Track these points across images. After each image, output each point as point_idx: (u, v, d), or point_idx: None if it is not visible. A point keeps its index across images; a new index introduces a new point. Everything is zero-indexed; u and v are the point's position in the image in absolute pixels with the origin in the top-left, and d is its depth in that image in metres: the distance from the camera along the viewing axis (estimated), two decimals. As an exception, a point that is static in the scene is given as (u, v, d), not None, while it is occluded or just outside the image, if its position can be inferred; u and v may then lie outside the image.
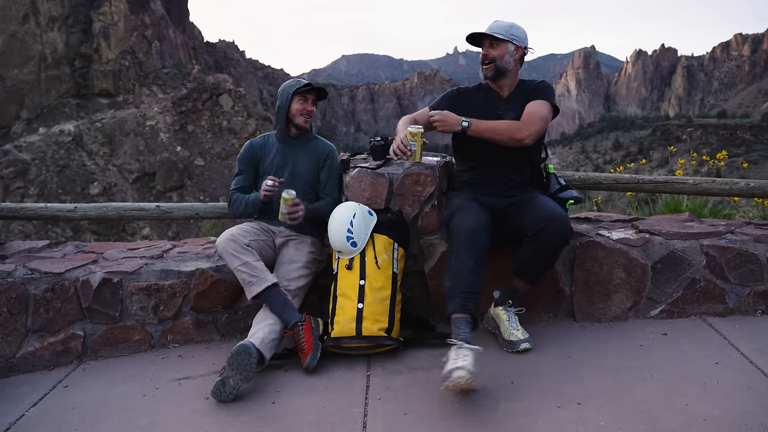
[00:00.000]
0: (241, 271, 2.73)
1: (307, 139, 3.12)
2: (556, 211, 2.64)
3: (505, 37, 2.77)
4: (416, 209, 3.03)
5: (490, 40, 2.78)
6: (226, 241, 2.78)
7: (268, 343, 2.59)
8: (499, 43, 2.77)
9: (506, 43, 2.77)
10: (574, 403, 2.24)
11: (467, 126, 2.69)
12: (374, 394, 2.41)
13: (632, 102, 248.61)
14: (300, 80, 3.10)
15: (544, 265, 2.77)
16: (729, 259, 3.00)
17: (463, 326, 2.41)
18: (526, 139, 2.68)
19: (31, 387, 2.73)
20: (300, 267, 2.88)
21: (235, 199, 3.06)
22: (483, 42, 2.81)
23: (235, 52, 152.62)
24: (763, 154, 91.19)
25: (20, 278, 2.94)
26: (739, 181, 3.50)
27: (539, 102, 2.77)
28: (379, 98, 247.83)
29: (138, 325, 3.01)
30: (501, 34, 2.76)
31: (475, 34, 2.82)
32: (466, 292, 2.46)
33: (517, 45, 2.80)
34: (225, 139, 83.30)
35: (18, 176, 72.22)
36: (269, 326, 2.65)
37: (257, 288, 2.71)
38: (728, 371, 2.43)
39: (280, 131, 3.09)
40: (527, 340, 2.71)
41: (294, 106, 3.02)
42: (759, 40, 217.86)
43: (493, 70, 2.80)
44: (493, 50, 2.78)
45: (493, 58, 2.78)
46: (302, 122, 3.04)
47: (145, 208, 3.57)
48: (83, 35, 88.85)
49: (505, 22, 2.82)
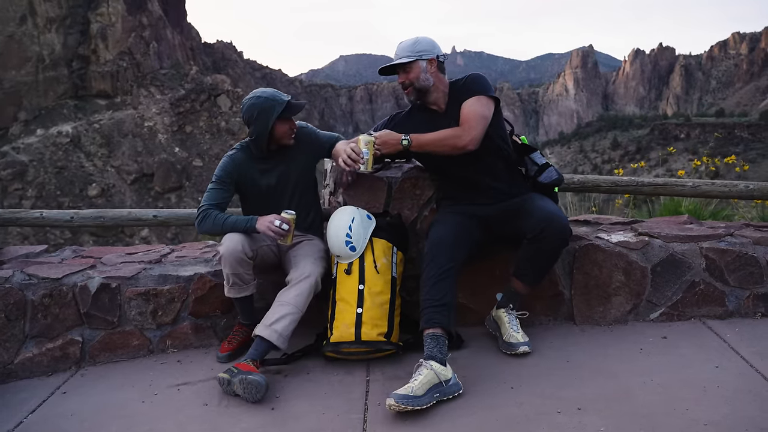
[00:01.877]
0: (228, 278, 2.76)
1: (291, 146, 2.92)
2: (554, 212, 2.63)
3: (412, 57, 2.67)
4: (415, 212, 3.03)
5: (401, 66, 2.70)
6: (231, 254, 2.66)
7: (285, 336, 2.61)
8: (410, 65, 2.68)
9: (416, 62, 2.68)
10: (575, 408, 2.23)
11: (408, 144, 2.64)
12: (374, 400, 2.41)
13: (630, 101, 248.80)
14: (276, 100, 2.77)
15: (545, 268, 2.76)
16: (728, 261, 3.00)
17: (429, 342, 2.43)
18: (468, 145, 2.57)
19: (30, 393, 2.71)
20: (317, 259, 2.82)
21: (214, 217, 2.74)
22: (396, 71, 2.73)
23: (233, 52, 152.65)
24: (761, 153, 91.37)
25: (18, 284, 2.93)
26: (738, 183, 3.50)
27: (472, 100, 2.64)
28: (377, 98, 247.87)
29: (136, 331, 2.99)
30: (407, 56, 2.67)
31: (385, 67, 2.76)
32: (433, 306, 2.48)
33: (428, 59, 2.69)
34: (223, 139, 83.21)
35: (16, 178, 72.11)
36: (291, 317, 2.61)
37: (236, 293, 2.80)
38: (728, 375, 2.42)
39: (259, 152, 2.86)
40: (526, 343, 2.71)
41: (278, 130, 2.80)
42: (757, 39, 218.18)
43: (415, 93, 2.73)
44: (407, 75, 2.69)
45: (411, 82, 2.70)
46: (289, 142, 2.86)
47: (142, 216, 3.55)
48: (81, 36, 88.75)
49: (408, 41, 2.72)
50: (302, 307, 2.65)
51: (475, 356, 2.72)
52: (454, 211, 2.79)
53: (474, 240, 2.70)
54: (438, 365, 2.35)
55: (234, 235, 2.69)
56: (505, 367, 2.60)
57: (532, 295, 2.96)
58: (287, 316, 2.61)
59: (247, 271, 2.76)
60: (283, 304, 2.64)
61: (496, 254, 2.97)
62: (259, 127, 2.77)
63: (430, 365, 2.35)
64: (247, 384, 2.43)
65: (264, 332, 2.58)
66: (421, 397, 2.25)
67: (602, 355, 2.67)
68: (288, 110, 2.79)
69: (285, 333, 2.59)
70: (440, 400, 2.31)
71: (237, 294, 2.79)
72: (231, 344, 2.89)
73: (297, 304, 2.64)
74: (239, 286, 2.78)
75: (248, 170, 2.88)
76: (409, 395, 2.24)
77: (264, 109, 2.75)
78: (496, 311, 2.85)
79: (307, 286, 2.68)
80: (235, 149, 2.95)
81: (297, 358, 2.78)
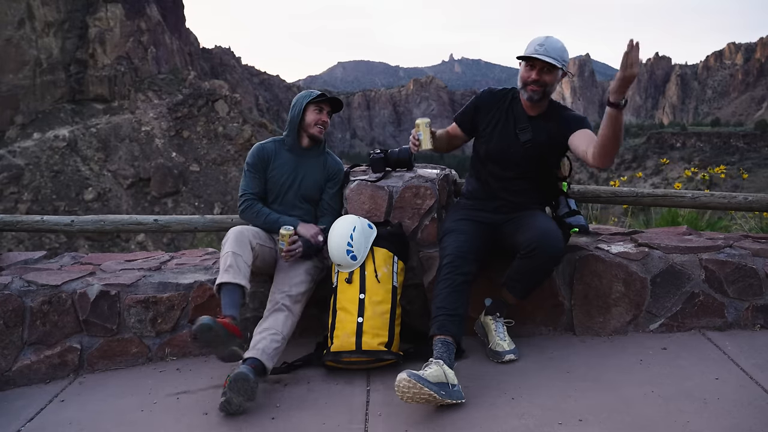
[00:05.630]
0: (227, 257, 2.66)
1: (319, 152, 3.09)
2: (548, 230, 2.63)
3: (560, 63, 2.63)
4: (416, 222, 3.03)
5: (547, 65, 2.64)
6: (237, 231, 2.77)
7: (270, 353, 2.57)
8: (553, 69, 2.66)
9: (558, 69, 2.66)
10: (576, 420, 2.23)
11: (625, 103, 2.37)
12: (374, 410, 2.40)
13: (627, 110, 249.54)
14: (313, 91, 3.06)
15: (533, 284, 2.76)
16: (728, 273, 3.01)
17: (440, 347, 2.44)
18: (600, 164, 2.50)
19: (27, 401, 2.70)
20: (302, 273, 2.85)
21: (257, 209, 2.95)
22: (535, 63, 2.66)
23: (231, 58, 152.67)
24: (756, 163, 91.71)
25: (17, 290, 2.92)
26: (737, 195, 3.51)
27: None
28: (375, 105, 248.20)
29: (135, 338, 2.98)
30: (557, 60, 2.62)
31: (527, 56, 2.66)
32: (447, 314, 2.50)
33: (565, 71, 2.72)
34: (220, 145, 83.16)
35: (12, 181, 71.85)
36: (270, 336, 2.62)
37: (225, 277, 2.60)
38: (728, 387, 2.42)
39: (292, 141, 3.05)
40: (512, 351, 2.72)
41: (308, 117, 3.00)
42: (752, 49, 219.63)
43: (541, 94, 2.70)
44: (547, 76, 2.66)
45: (545, 83, 2.68)
46: (317, 132, 3.01)
47: (142, 221, 3.54)
48: (79, 40, 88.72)
49: (560, 43, 2.65)
50: (281, 329, 2.65)
51: (477, 366, 2.72)
52: (469, 217, 2.82)
53: (487, 250, 2.76)
54: (447, 367, 2.35)
55: (245, 225, 2.89)
56: (506, 377, 2.60)
57: (531, 305, 2.97)
58: (267, 337, 2.60)
59: (246, 260, 2.70)
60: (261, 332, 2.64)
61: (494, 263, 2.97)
62: (293, 112, 3.03)
63: (440, 363, 2.35)
64: (234, 381, 2.39)
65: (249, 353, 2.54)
66: (431, 384, 2.24)
67: (602, 366, 2.68)
68: (320, 98, 3.00)
69: (268, 350, 2.56)
70: (442, 404, 2.29)
71: (231, 278, 2.60)
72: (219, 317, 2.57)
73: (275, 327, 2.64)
74: (234, 271, 2.62)
75: (275, 156, 3.05)
76: (420, 376, 2.23)
77: (300, 97, 3.06)
78: (484, 317, 2.88)
79: (282, 317, 2.68)
80: (267, 140, 3.13)
81: (297, 367, 2.77)
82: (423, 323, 3.05)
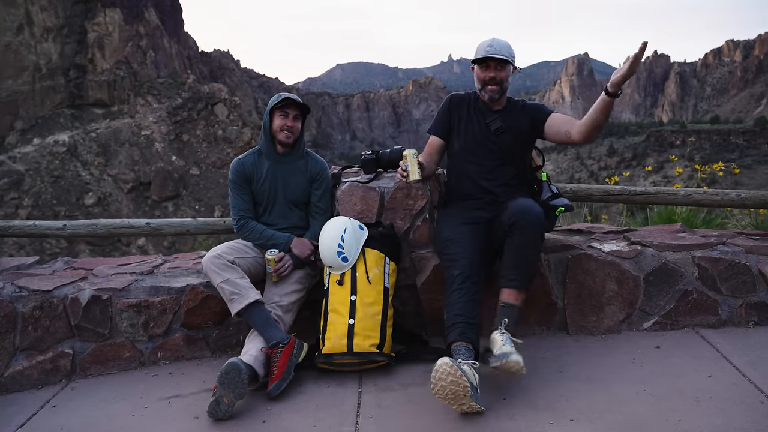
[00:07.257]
0: (224, 288, 2.71)
1: (297, 157, 3.05)
2: (527, 204, 2.65)
3: (510, 58, 2.82)
4: (408, 223, 3.02)
5: (500, 62, 2.82)
6: (210, 259, 2.76)
7: (262, 360, 2.57)
8: (505, 65, 2.83)
9: (509, 64, 2.84)
10: (567, 420, 2.22)
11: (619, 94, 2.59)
12: (365, 412, 2.39)
13: (626, 108, 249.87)
14: (281, 94, 2.98)
15: (527, 264, 2.62)
16: (721, 270, 3.00)
17: (463, 352, 2.41)
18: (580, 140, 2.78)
19: (19, 407, 2.69)
20: (292, 282, 2.87)
21: (251, 227, 2.96)
22: (489, 63, 2.84)
23: (230, 61, 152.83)
24: (756, 159, 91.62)
25: (8, 296, 2.91)
26: (730, 192, 3.51)
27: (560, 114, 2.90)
28: (374, 106, 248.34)
29: (128, 343, 2.98)
30: (507, 56, 2.81)
31: (481, 58, 2.84)
32: (466, 322, 2.49)
33: (514, 66, 2.88)
34: (220, 148, 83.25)
35: (12, 187, 71.93)
36: (262, 343, 2.63)
37: (238, 305, 2.68)
38: (721, 385, 2.41)
39: (267, 149, 3.02)
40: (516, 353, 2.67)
41: (275, 123, 2.96)
42: (750, 46, 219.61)
43: (500, 92, 2.87)
44: (500, 72, 2.84)
45: (501, 80, 2.84)
46: (284, 138, 2.96)
47: (135, 225, 3.53)
48: (78, 45, 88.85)
49: (505, 42, 2.85)
50: None
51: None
52: (465, 221, 2.80)
53: (489, 249, 2.76)
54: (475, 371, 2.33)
55: (216, 248, 2.83)
56: (498, 377, 2.58)
57: (525, 304, 2.94)
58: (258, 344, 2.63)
59: (238, 276, 2.73)
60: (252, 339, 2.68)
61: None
62: (264, 119, 3.02)
63: (473, 365, 2.33)
64: (225, 373, 2.38)
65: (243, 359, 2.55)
66: (469, 378, 2.23)
67: (595, 365, 2.67)
68: (283, 102, 2.94)
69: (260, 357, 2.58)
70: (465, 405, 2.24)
71: (240, 305, 2.66)
72: (272, 375, 2.56)
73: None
74: (238, 296, 2.68)
75: (256, 168, 3.02)
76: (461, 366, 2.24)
77: (268, 104, 3.02)
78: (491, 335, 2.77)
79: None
80: (246, 154, 3.11)
81: (289, 369, 2.75)
82: (416, 325, 3.05)
